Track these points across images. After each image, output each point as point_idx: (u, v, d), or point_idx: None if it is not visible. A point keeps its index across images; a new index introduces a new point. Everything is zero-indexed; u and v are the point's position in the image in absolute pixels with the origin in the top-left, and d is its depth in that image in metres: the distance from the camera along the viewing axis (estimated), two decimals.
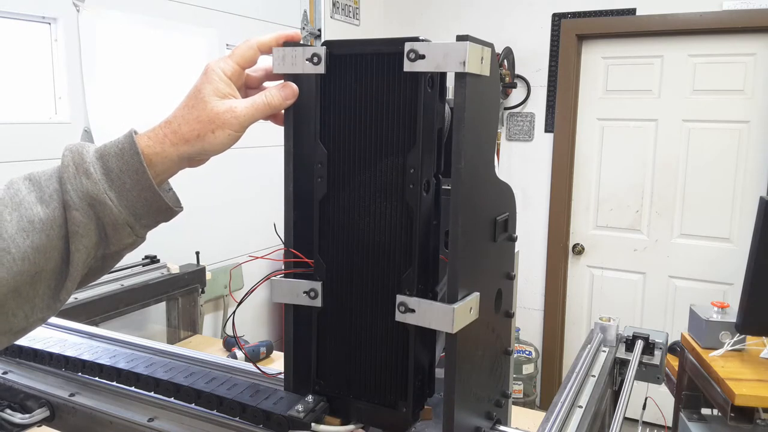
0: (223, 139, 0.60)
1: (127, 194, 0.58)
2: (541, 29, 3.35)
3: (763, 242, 1.73)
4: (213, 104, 0.59)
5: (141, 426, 0.75)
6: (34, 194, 0.56)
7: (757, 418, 1.74)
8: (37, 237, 0.54)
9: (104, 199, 0.56)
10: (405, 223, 0.61)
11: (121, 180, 0.57)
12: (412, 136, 0.60)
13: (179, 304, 2.40)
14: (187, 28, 2.47)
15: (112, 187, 0.57)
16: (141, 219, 0.59)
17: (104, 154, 0.58)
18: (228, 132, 0.60)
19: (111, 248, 0.59)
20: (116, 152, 0.58)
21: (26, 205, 0.55)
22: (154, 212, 0.60)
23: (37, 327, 0.60)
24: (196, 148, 0.60)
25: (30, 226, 0.54)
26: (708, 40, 3.07)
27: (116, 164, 0.58)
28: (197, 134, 0.59)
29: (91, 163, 0.57)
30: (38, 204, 0.56)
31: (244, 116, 0.60)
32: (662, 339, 1.06)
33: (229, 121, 0.60)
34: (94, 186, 0.56)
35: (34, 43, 1.98)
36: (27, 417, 0.82)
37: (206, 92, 0.60)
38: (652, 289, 3.37)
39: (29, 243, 0.54)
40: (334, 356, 0.67)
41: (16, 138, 1.90)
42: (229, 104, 0.60)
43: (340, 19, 3.30)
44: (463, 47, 0.54)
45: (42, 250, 0.55)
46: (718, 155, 3.13)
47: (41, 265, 0.55)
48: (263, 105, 0.62)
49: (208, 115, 0.59)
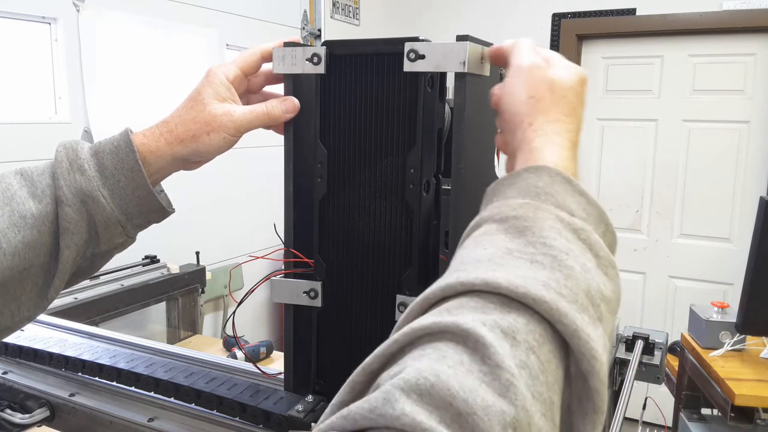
0: (218, 141, 0.60)
1: (120, 192, 0.57)
2: (541, 29, 3.35)
3: (763, 242, 1.73)
4: (211, 107, 0.60)
5: (141, 426, 0.75)
6: (26, 189, 0.56)
7: (757, 418, 1.74)
8: (29, 232, 0.54)
9: (97, 196, 0.56)
10: (405, 223, 0.61)
11: (115, 177, 0.57)
12: (412, 136, 0.60)
13: (179, 304, 2.40)
14: (187, 28, 2.47)
15: (106, 185, 0.57)
16: (133, 218, 0.59)
17: (99, 151, 0.58)
18: (223, 135, 0.60)
19: (101, 247, 0.58)
20: (111, 149, 0.58)
21: (18, 200, 0.55)
22: (146, 212, 0.60)
23: (23, 326, 0.59)
24: (191, 148, 0.59)
25: (21, 221, 0.54)
26: (708, 40, 3.07)
27: (111, 161, 0.57)
28: (192, 134, 0.59)
29: (86, 160, 0.57)
30: (30, 199, 0.55)
31: (241, 121, 0.60)
32: (662, 339, 1.05)
33: (226, 124, 0.59)
34: (87, 182, 0.56)
35: (34, 43, 1.98)
36: (27, 417, 0.82)
37: (206, 94, 0.60)
38: (652, 289, 3.37)
39: (20, 238, 0.53)
40: (334, 356, 0.67)
41: (16, 138, 1.90)
42: (227, 108, 0.60)
43: (340, 19, 3.30)
44: (463, 47, 0.54)
45: (32, 246, 0.54)
46: (718, 155, 3.12)
47: (30, 261, 0.54)
48: (262, 114, 0.62)
49: (205, 117, 0.59)
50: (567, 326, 0.34)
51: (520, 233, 0.39)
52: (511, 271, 0.36)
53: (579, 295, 0.36)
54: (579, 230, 0.40)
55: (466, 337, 0.32)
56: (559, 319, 0.34)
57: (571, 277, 0.36)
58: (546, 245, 0.38)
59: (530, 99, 0.48)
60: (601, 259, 0.40)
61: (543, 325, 0.34)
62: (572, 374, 0.35)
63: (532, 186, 0.42)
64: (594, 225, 0.42)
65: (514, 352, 0.32)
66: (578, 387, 0.34)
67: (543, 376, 0.32)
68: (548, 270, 0.36)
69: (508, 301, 0.34)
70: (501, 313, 0.34)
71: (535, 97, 0.48)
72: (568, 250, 0.38)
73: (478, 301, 0.35)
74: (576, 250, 0.38)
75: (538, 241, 0.38)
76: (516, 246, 0.38)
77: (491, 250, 0.38)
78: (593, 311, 0.36)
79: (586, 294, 0.36)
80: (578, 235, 0.40)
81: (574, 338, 0.34)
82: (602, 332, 0.36)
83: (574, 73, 0.50)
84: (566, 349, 0.34)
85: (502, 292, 0.34)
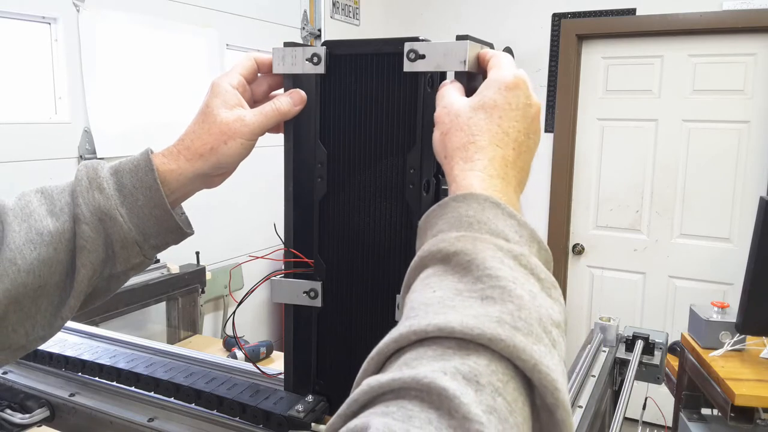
0: (236, 148, 0.60)
1: (138, 211, 0.57)
2: (541, 29, 3.35)
3: (763, 242, 1.73)
4: (222, 116, 0.59)
5: (141, 426, 0.75)
6: (45, 207, 0.56)
7: (757, 418, 1.74)
8: (45, 250, 0.54)
9: (115, 215, 0.56)
10: (405, 223, 0.61)
11: (134, 196, 0.57)
12: (412, 136, 0.60)
13: (179, 304, 2.40)
14: (187, 28, 2.47)
15: (124, 203, 0.57)
16: (150, 239, 0.59)
17: (118, 170, 0.58)
18: (240, 141, 0.59)
19: (117, 267, 0.58)
20: (131, 168, 0.58)
21: (36, 217, 0.55)
22: (164, 232, 0.59)
23: (37, 346, 0.59)
24: (211, 161, 0.59)
25: (38, 238, 0.54)
26: (708, 40, 3.07)
27: (130, 180, 0.57)
28: (210, 147, 0.59)
29: (105, 179, 0.57)
30: (48, 216, 0.55)
31: (254, 123, 0.60)
32: (662, 339, 1.06)
33: (240, 130, 0.59)
34: (106, 201, 0.56)
35: (34, 43, 1.98)
36: (27, 417, 0.82)
37: (214, 105, 0.60)
38: (652, 289, 3.37)
39: (36, 255, 0.53)
40: (334, 356, 0.67)
41: (16, 138, 1.90)
42: (238, 113, 0.60)
43: (340, 19, 3.30)
44: (463, 46, 0.54)
45: (48, 263, 0.54)
46: (718, 155, 3.12)
47: (46, 278, 0.54)
48: (272, 111, 0.61)
49: (219, 126, 0.59)
50: (526, 362, 0.33)
51: (465, 269, 0.39)
52: (463, 312, 0.35)
53: (532, 325, 0.36)
54: (519, 256, 0.40)
55: (429, 392, 0.31)
56: (517, 356, 0.33)
57: (523, 307, 0.36)
58: (492, 276, 0.38)
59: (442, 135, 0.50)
60: (544, 282, 0.40)
61: (504, 362, 0.34)
62: (538, 406, 0.34)
63: (464, 216, 0.43)
64: (528, 246, 0.42)
65: (479, 397, 0.31)
66: (545, 419, 0.34)
67: (512, 418, 0.32)
68: (500, 303, 0.36)
69: (465, 344, 0.34)
70: (460, 357, 0.33)
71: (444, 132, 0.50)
72: (514, 278, 0.38)
73: (435, 348, 0.34)
74: (521, 278, 0.38)
75: (484, 274, 0.38)
76: (464, 285, 0.38)
77: (440, 292, 0.38)
78: (547, 339, 0.36)
79: (539, 322, 0.36)
80: (519, 261, 0.40)
81: (535, 373, 0.33)
82: (558, 359, 0.36)
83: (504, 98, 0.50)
84: (530, 382, 0.34)
85: (456, 336, 0.34)
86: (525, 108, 0.50)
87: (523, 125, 0.49)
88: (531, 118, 0.50)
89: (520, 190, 0.49)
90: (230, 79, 0.62)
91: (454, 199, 0.44)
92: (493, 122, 0.48)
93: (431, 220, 0.45)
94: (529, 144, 0.50)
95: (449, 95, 0.53)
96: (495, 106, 0.49)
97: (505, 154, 0.48)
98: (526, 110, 0.50)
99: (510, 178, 0.47)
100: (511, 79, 0.50)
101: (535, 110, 0.51)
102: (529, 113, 0.50)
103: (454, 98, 0.52)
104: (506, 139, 0.48)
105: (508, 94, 0.49)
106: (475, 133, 0.48)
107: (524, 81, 0.51)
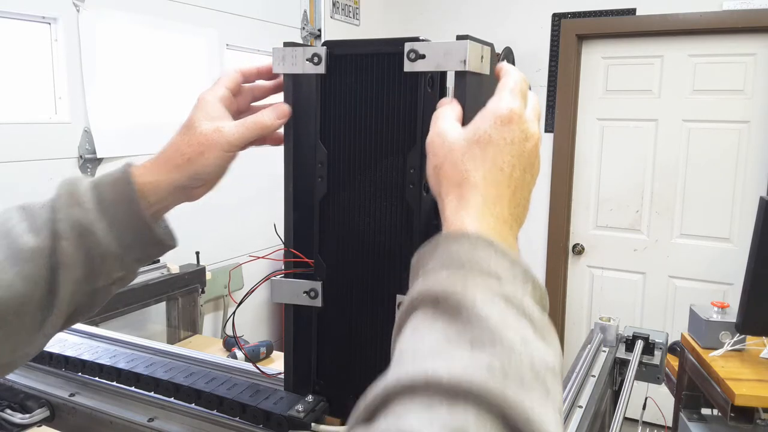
0: (213, 160, 0.59)
1: (118, 224, 0.57)
2: (541, 29, 3.35)
3: (763, 242, 1.73)
4: (202, 127, 0.59)
5: (141, 426, 0.75)
6: (25, 223, 0.55)
7: (757, 418, 1.74)
8: (26, 266, 0.53)
9: (94, 229, 0.55)
10: (405, 223, 0.61)
11: (114, 209, 0.57)
12: (412, 136, 0.60)
13: (179, 304, 2.40)
14: (187, 28, 2.47)
15: (104, 217, 0.56)
16: (131, 252, 0.58)
17: (98, 184, 0.58)
18: (216, 153, 0.59)
19: (100, 282, 0.58)
20: (110, 182, 0.58)
21: (15, 233, 0.54)
22: (145, 244, 0.59)
23: (24, 362, 0.58)
24: (188, 172, 0.59)
25: (19, 254, 0.53)
26: (708, 40, 3.07)
27: (109, 194, 0.57)
28: (187, 158, 0.59)
29: (84, 193, 0.57)
30: (28, 233, 0.55)
31: (232, 135, 0.60)
32: (662, 339, 1.06)
33: (218, 141, 0.59)
34: (85, 215, 0.55)
35: (34, 43, 1.98)
36: (27, 417, 0.82)
37: (197, 118, 0.60)
38: (652, 289, 3.37)
39: (17, 271, 0.53)
40: (334, 356, 0.67)
41: (16, 138, 1.90)
42: (217, 125, 0.60)
43: (340, 19, 3.30)
44: (463, 46, 0.54)
45: (29, 280, 0.53)
46: (718, 155, 3.13)
47: (28, 295, 0.54)
48: (253, 124, 0.61)
49: (197, 138, 0.59)
50: (519, 415, 0.32)
51: (455, 312, 0.38)
52: (451, 362, 0.34)
53: (524, 371, 0.35)
54: (510, 298, 0.39)
55: None
56: (507, 407, 0.32)
57: (514, 352, 0.35)
58: (481, 318, 0.37)
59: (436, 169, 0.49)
60: (537, 323, 0.39)
61: (493, 413, 0.32)
62: None
63: (455, 255, 0.42)
64: (521, 285, 0.41)
65: None
66: None
67: None
68: (489, 348, 0.35)
69: (454, 394, 0.33)
70: (449, 409, 0.32)
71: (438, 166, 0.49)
72: (505, 322, 0.37)
73: (423, 399, 0.33)
74: (512, 321, 0.38)
75: (473, 317, 0.37)
76: (454, 331, 0.37)
77: (429, 340, 0.37)
78: (540, 386, 0.35)
79: (531, 368, 0.35)
80: (512, 303, 0.39)
81: (528, 426, 0.32)
82: (552, 406, 0.35)
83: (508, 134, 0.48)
84: None
85: (444, 388, 0.33)
86: (521, 143, 0.48)
87: (519, 160, 0.48)
88: (528, 152, 0.49)
89: (518, 227, 0.48)
90: (215, 93, 0.62)
91: (446, 238, 0.43)
92: (487, 158, 0.47)
93: (423, 259, 0.44)
94: (525, 179, 0.49)
95: (444, 121, 0.51)
96: (489, 142, 0.48)
97: (500, 192, 0.47)
98: (522, 145, 0.48)
99: (505, 215, 0.46)
100: (505, 113, 0.48)
101: (533, 144, 0.49)
102: (526, 147, 0.49)
103: (448, 126, 0.50)
104: (501, 176, 0.47)
105: (503, 128, 0.48)
106: (469, 169, 0.47)
107: (519, 115, 0.49)
